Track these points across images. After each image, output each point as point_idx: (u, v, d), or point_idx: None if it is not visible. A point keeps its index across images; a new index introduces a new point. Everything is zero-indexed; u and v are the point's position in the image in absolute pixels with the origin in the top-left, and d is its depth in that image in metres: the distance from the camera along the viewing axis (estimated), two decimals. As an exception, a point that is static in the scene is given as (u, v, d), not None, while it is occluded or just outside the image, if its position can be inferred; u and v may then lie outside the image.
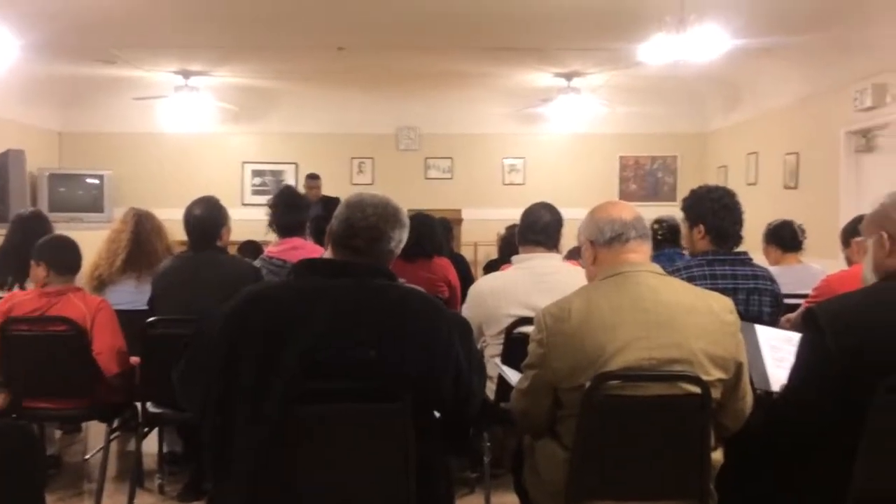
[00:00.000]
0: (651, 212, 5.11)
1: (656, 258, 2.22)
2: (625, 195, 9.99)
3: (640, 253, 2.08)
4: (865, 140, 6.57)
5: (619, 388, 1.90)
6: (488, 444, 3.19)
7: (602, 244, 2.09)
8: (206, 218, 3.35)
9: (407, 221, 1.99)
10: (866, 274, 2.07)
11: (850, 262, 3.69)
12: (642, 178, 10.28)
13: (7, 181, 7.44)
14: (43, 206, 8.10)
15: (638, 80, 8.31)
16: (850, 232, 3.68)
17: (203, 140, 9.89)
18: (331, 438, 1.80)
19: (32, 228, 4.03)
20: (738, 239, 2.99)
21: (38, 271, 3.28)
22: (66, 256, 3.32)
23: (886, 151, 6.28)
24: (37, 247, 3.32)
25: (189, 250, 3.41)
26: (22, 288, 3.81)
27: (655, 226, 3.95)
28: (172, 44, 7.04)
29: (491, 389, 2.98)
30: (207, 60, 7.78)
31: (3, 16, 5.13)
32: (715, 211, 2.94)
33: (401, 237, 1.97)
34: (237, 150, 10.03)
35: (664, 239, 4.01)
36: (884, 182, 6.08)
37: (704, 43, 5.43)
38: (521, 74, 8.42)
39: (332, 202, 6.65)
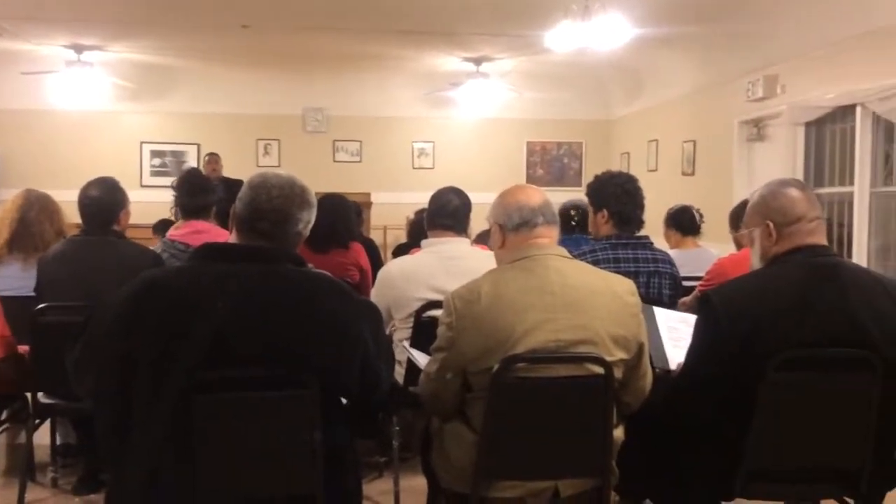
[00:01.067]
0: (557, 196, 5.22)
1: (563, 242, 2.27)
2: (531, 180, 10.17)
3: (548, 237, 2.12)
4: (757, 129, 6.91)
5: (526, 369, 1.93)
6: (397, 427, 3.19)
7: (511, 229, 2.11)
8: (103, 200, 3.19)
9: (314, 201, 1.96)
10: (754, 262, 2.18)
11: (738, 245, 3.87)
12: (549, 163, 10.48)
13: None
14: (-80, 186, 7.56)
15: (545, 66, 8.44)
16: (738, 216, 3.85)
17: (98, 118, 9.44)
18: (235, 427, 1.76)
19: None
20: (639, 223, 3.09)
21: None
22: None
23: (776, 140, 6.63)
24: None
25: (82, 234, 3.25)
26: None
27: (572, 212, 4.01)
28: (63, 16, 6.67)
29: (400, 373, 2.99)
30: (102, 35, 7.41)
31: None
32: (618, 196, 3.02)
33: (309, 218, 1.93)
34: (135, 130, 9.62)
35: (578, 224, 4.08)
36: (773, 169, 6.41)
37: (608, 31, 5.57)
38: (430, 58, 8.41)
39: (234, 184, 6.46)
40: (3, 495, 3.25)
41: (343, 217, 4.15)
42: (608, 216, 3.05)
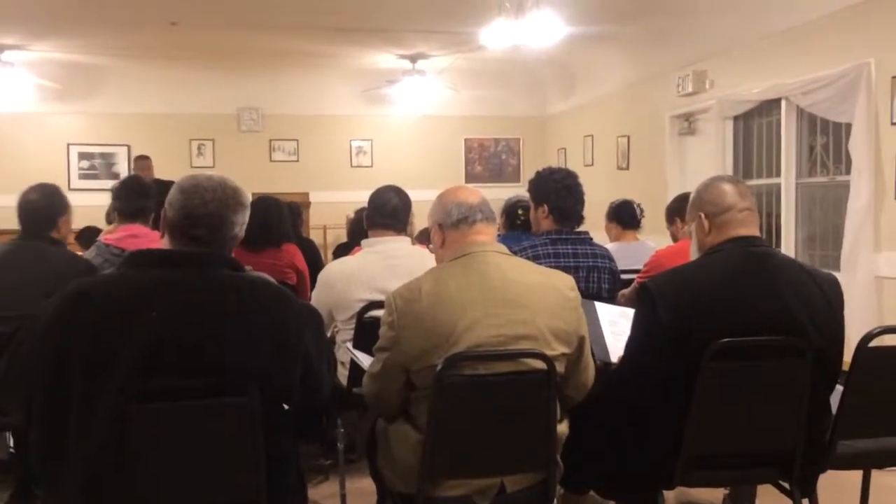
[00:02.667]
0: (497, 193, 5.27)
1: (503, 239, 2.29)
2: (471, 176, 10.23)
3: (487, 234, 2.13)
4: (688, 123, 7.09)
5: (469, 366, 1.94)
6: (342, 429, 3.17)
7: (450, 226, 2.12)
8: (42, 204, 3.06)
9: (247, 201, 1.92)
10: (693, 255, 2.25)
11: (674, 238, 3.97)
12: (487, 159, 10.55)
13: None
14: None
15: (481, 63, 8.49)
16: (674, 210, 3.95)
17: (22, 120, 9.07)
18: (173, 437, 1.72)
19: None
20: (579, 219, 3.13)
21: None
22: None
23: (706, 134, 6.81)
24: None
25: (18, 239, 3.12)
26: None
27: (520, 211, 4.02)
28: (-20, 13, 6.40)
29: (343, 375, 2.96)
30: (23, 33, 7.14)
31: None
32: (557, 191, 3.05)
33: (243, 219, 1.90)
34: (61, 131, 9.29)
35: (523, 223, 4.10)
36: (704, 162, 6.59)
37: (541, 29, 5.63)
38: (366, 55, 8.36)
39: (166, 186, 6.30)
40: (-73, 517, 3.11)
41: (276, 216, 4.08)
42: (548, 211, 3.08)
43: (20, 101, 8.67)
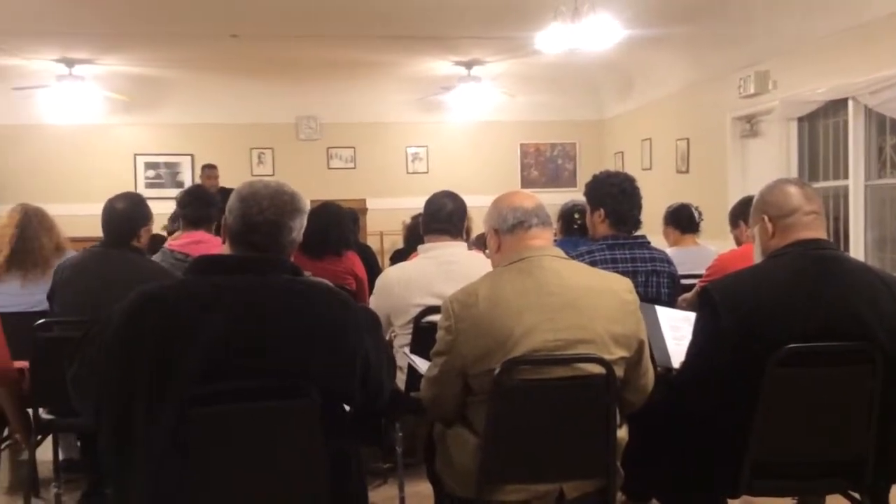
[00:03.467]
0: (553, 198, 5.23)
1: (560, 244, 2.27)
2: (526, 182, 10.18)
3: (543, 239, 2.12)
4: (750, 125, 6.93)
5: (527, 371, 1.93)
6: (400, 434, 3.19)
7: (505, 231, 2.12)
8: (127, 214, 3.15)
9: (305, 206, 1.95)
10: (757, 259, 2.20)
11: (738, 242, 3.88)
12: (543, 164, 10.49)
13: None
14: (-87, 204, 7.52)
15: (536, 68, 8.46)
16: (737, 213, 3.87)
17: (92, 132, 9.41)
18: (237, 439, 1.75)
19: None
20: (636, 223, 3.09)
21: None
22: None
23: (768, 136, 6.64)
24: None
25: (102, 246, 3.22)
26: None
27: (576, 215, 4.00)
28: (53, 30, 6.65)
29: (401, 380, 2.98)
30: (93, 48, 7.40)
31: None
32: (614, 196, 3.02)
33: (301, 224, 1.93)
34: (129, 142, 9.60)
35: (581, 227, 4.07)
36: (767, 165, 6.43)
37: (598, 32, 5.58)
38: (421, 63, 8.42)
39: (230, 194, 6.47)
40: (5, 513, 3.24)
41: (336, 224, 4.16)
42: (605, 216, 3.05)
43: (90, 113, 9.00)
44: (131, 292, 1.85)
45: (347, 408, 1.97)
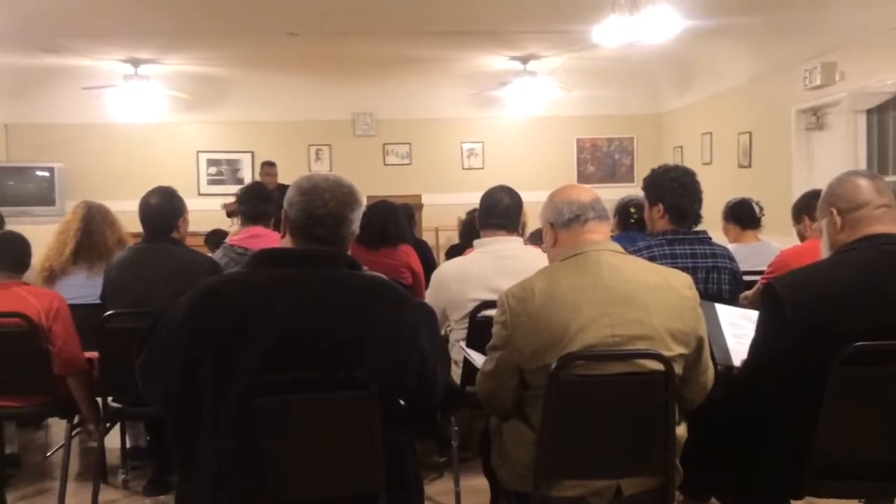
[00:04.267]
0: (610, 193, 5.17)
1: (617, 239, 2.24)
2: (583, 177, 10.09)
3: (600, 233, 2.10)
4: (816, 118, 6.72)
5: (584, 367, 1.92)
6: (456, 428, 3.20)
7: (561, 225, 2.10)
8: (162, 208, 3.29)
9: (362, 198, 1.98)
10: (824, 254, 2.13)
11: (801, 237, 3.77)
12: (600, 159, 10.37)
13: (-50, 175, 7.19)
14: (-10, 200, 7.87)
15: (593, 61, 8.36)
16: (801, 208, 3.76)
17: (156, 130, 9.68)
18: (296, 429, 1.79)
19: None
20: (697, 218, 3.03)
21: None
22: (8, 252, 3.22)
23: (835, 129, 6.43)
24: None
25: (143, 241, 3.34)
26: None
27: (632, 209, 3.96)
28: (119, 31, 6.86)
29: (456, 374, 2.99)
30: (157, 48, 7.60)
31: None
32: (674, 190, 2.96)
33: (359, 216, 1.96)
34: (191, 140, 9.84)
35: (637, 221, 4.03)
36: (833, 158, 6.23)
37: (657, 24, 5.48)
38: (477, 58, 8.40)
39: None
40: (77, 497, 3.36)
41: (392, 218, 4.26)
42: (663, 211, 2.99)
43: (154, 111, 9.25)
44: (182, 282, 1.90)
45: (402, 402, 1.99)
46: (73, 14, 6.13)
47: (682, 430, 2.04)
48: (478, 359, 2.36)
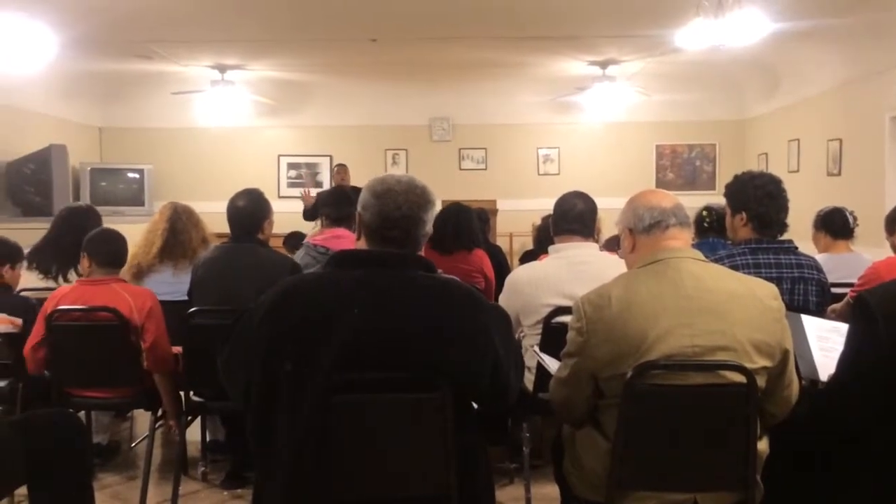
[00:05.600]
0: (690, 201, 5.04)
1: (698, 246, 2.19)
2: (662, 184, 9.87)
3: (681, 240, 2.05)
4: (912, 125, 6.40)
5: (661, 376, 1.87)
6: (527, 434, 3.18)
7: (641, 231, 2.06)
8: (249, 210, 3.38)
9: (434, 198, 1.97)
10: None
11: (895, 249, 3.61)
12: (680, 166, 10.14)
13: (50, 175, 7.57)
14: (85, 199, 8.25)
15: (674, 66, 8.19)
16: (894, 219, 3.60)
17: (239, 133, 9.99)
18: (371, 428, 1.81)
19: (72, 221, 4.10)
20: (782, 227, 2.92)
21: (84, 263, 3.35)
22: (107, 249, 3.36)
23: (934, 136, 6.11)
24: (84, 240, 3.39)
25: (230, 241, 3.45)
26: (66, 279, 3.89)
27: (704, 213, 3.88)
28: (208, 38, 7.10)
29: (529, 380, 2.97)
30: (242, 54, 7.84)
31: (42, 11, 5.21)
32: (758, 198, 2.86)
33: (433, 215, 1.96)
34: (273, 144, 10.10)
35: (710, 227, 3.94)
36: (931, 167, 5.92)
37: (743, 27, 5.32)
38: (555, 63, 8.35)
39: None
40: (160, 488, 3.48)
41: (466, 220, 4.28)
42: (747, 219, 2.90)
43: (239, 116, 9.55)
44: (262, 282, 1.94)
45: (475, 405, 1.99)
46: (167, 21, 6.38)
47: (763, 446, 1.97)
48: (552, 364, 2.34)
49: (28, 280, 3.79)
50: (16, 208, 7.57)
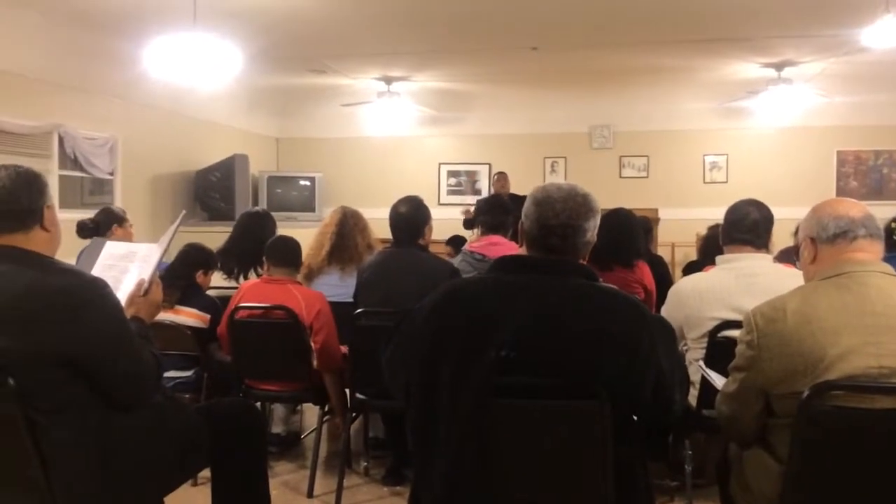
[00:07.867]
0: (876, 212, 4.64)
1: (887, 261, 2.02)
2: (843, 192, 9.17)
3: (870, 253, 1.91)
4: None
5: (842, 398, 1.75)
6: (690, 451, 3.06)
7: (824, 241, 1.94)
8: (411, 216, 3.50)
9: (597, 206, 1.95)
10: None
11: None
12: (864, 174, 9.38)
13: (233, 182, 8.23)
14: (262, 205, 8.87)
15: (858, 66, 7.59)
16: None
17: (403, 143, 10.34)
18: (528, 433, 1.81)
19: (251, 226, 4.43)
20: None
21: (266, 267, 3.64)
22: (284, 254, 3.63)
23: None
24: (266, 247, 3.69)
25: (392, 246, 3.58)
26: (246, 279, 4.20)
27: (893, 225, 3.58)
28: (376, 52, 7.40)
29: (692, 395, 2.86)
30: (407, 66, 8.11)
31: (230, 29, 5.65)
32: (961, 208, 2.61)
33: (595, 223, 1.94)
34: (434, 152, 10.37)
35: None
36: None
37: (941, 22, 4.86)
38: (723, 67, 7.98)
39: (521, 200, 6.79)
40: (326, 480, 3.66)
41: (628, 234, 4.08)
42: (944, 231, 2.65)
43: (403, 125, 9.90)
44: (424, 285, 1.99)
45: (636, 418, 1.94)
46: (338, 37, 6.73)
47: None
48: (718, 380, 2.25)
49: (214, 280, 4.12)
50: (203, 213, 8.28)
